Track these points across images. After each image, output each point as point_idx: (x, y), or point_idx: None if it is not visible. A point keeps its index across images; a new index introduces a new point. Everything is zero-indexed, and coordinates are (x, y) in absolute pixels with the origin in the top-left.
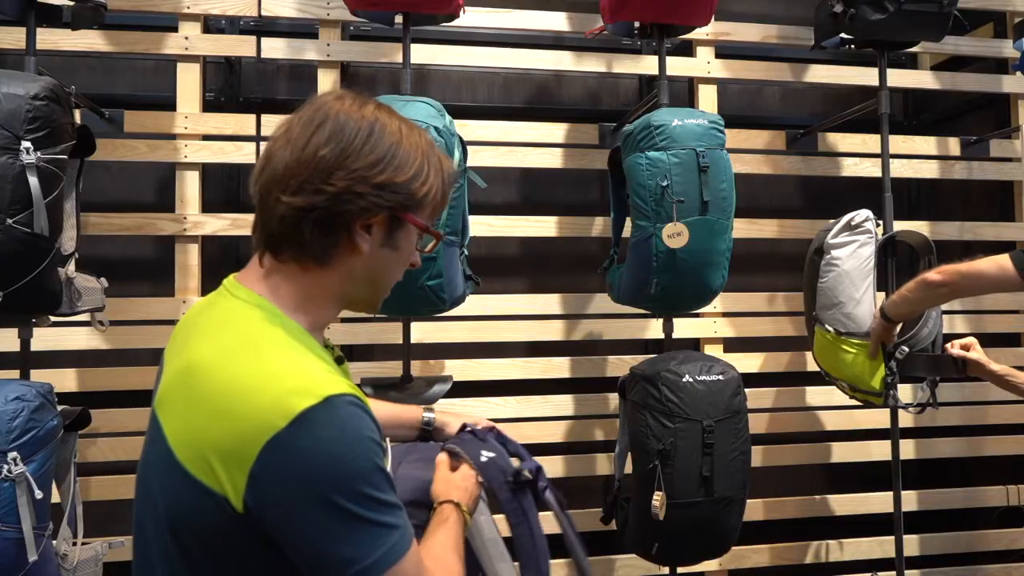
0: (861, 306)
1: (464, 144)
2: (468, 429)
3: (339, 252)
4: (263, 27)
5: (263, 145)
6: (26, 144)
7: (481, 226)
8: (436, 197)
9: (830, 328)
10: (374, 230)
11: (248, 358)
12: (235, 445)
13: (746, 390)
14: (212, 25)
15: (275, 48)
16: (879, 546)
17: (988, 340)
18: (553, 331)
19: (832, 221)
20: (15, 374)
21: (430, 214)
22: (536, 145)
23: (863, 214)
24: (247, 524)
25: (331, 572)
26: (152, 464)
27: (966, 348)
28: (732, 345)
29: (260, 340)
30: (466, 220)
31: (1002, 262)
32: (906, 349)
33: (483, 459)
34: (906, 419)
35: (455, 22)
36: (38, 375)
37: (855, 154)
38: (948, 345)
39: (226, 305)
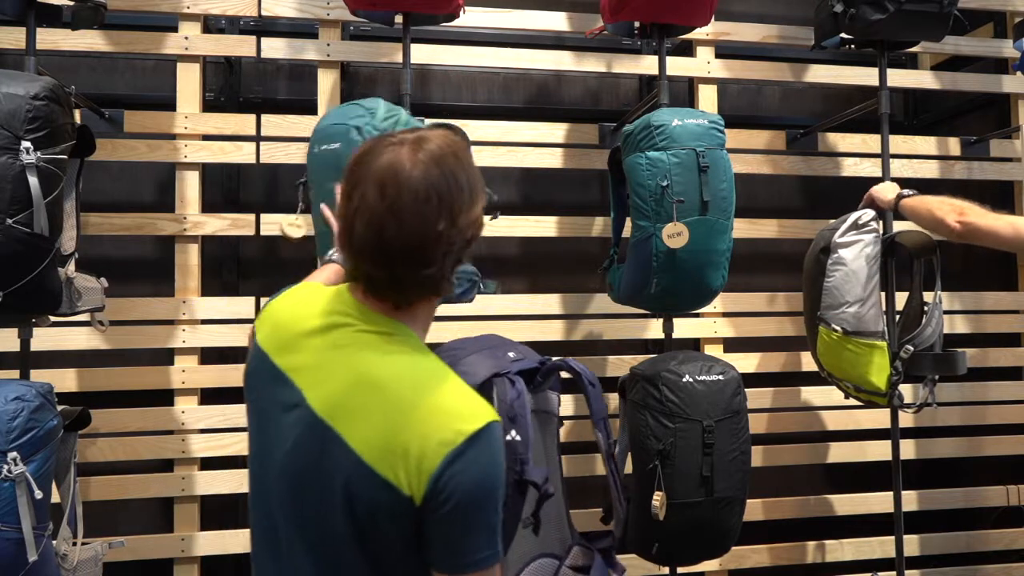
0: (867, 305)
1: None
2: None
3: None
4: (263, 27)
5: (263, 146)
6: (26, 144)
7: None
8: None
9: (836, 328)
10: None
11: (429, 383)
12: (420, 454)
13: (746, 390)
14: (212, 25)
15: (275, 48)
16: (879, 546)
17: (988, 340)
18: (553, 331)
19: (835, 221)
20: (15, 374)
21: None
22: (536, 145)
23: (869, 213)
24: (417, 513)
25: (463, 556)
26: (322, 465)
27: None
28: (732, 345)
29: (432, 368)
30: None
31: (1019, 226)
32: (911, 348)
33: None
34: (906, 419)
35: (455, 22)
36: (38, 375)
37: (855, 154)
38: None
39: (373, 326)
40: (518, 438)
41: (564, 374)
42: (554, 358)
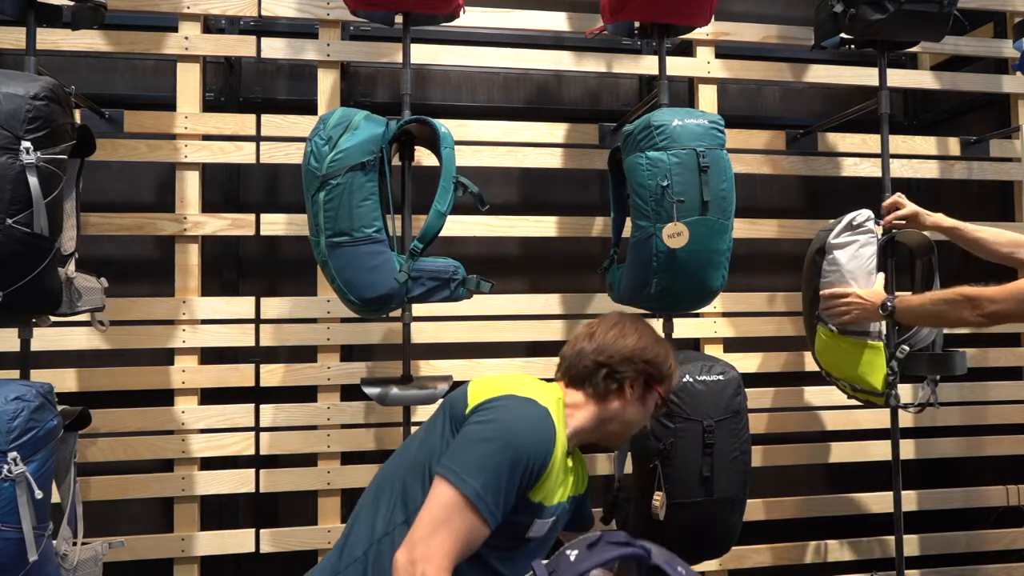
0: None
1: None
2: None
3: (611, 394)
4: (263, 27)
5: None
6: (26, 144)
7: (480, 226)
8: (672, 380)
9: (832, 327)
10: (635, 387)
11: (534, 382)
12: (496, 390)
13: (746, 390)
14: (212, 25)
15: (275, 48)
16: (879, 546)
17: (988, 340)
18: (553, 331)
19: (833, 221)
20: (15, 374)
21: (666, 390)
22: (536, 145)
23: (864, 214)
24: (462, 422)
25: (448, 459)
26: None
27: (896, 207)
28: (732, 345)
29: (544, 385)
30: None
31: None
32: (907, 348)
33: None
34: (906, 419)
35: (455, 22)
36: (38, 375)
37: (855, 154)
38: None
39: (550, 385)
40: None
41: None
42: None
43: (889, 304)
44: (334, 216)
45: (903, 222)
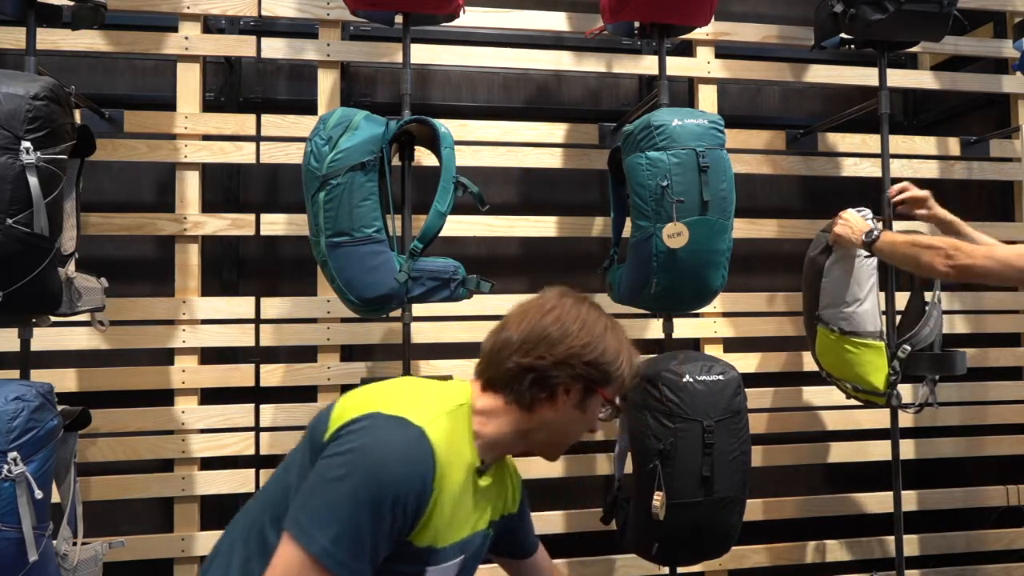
0: (865, 305)
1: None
2: None
3: (539, 403)
4: (263, 27)
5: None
6: (26, 144)
7: (480, 226)
8: (624, 380)
9: (834, 328)
10: (571, 394)
11: (415, 388)
12: (358, 408)
13: (746, 390)
14: (212, 25)
15: (275, 48)
16: (879, 546)
17: (988, 340)
18: None
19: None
20: (15, 374)
21: (615, 391)
22: (536, 145)
23: (867, 212)
24: (318, 454)
25: (295, 509)
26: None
27: (903, 191)
28: (732, 345)
29: (434, 391)
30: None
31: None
32: (908, 348)
33: None
34: (906, 419)
35: (455, 22)
36: (38, 375)
37: (855, 154)
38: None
39: (451, 382)
40: None
41: None
42: None
43: (876, 232)
44: (334, 216)
45: (909, 205)
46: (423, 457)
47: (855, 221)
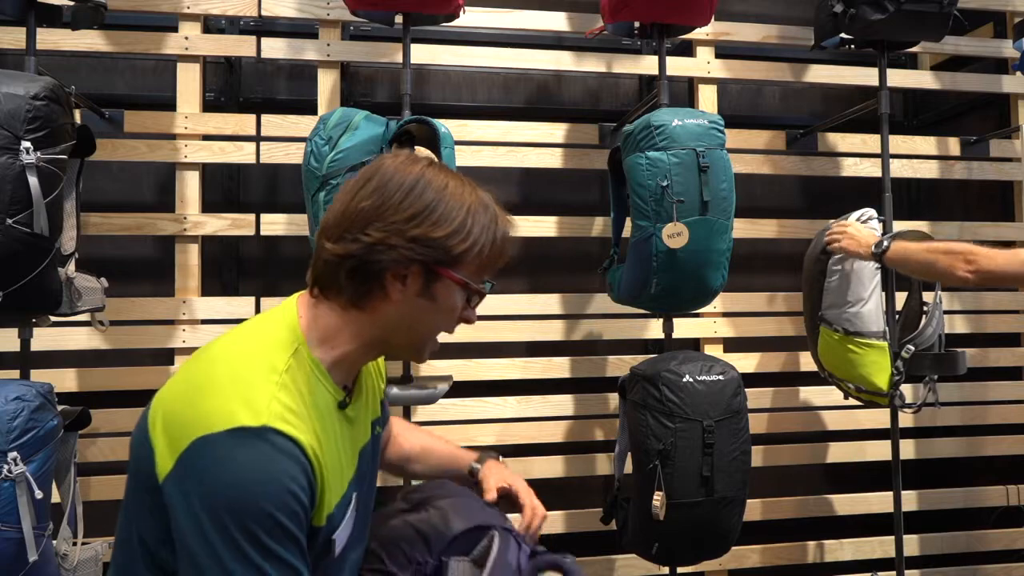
0: (869, 305)
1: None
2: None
3: (372, 298)
4: (263, 27)
5: (263, 146)
6: (26, 144)
7: None
8: (481, 254)
9: (838, 328)
10: (409, 281)
11: (235, 361)
12: (180, 425)
13: (746, 390)
14: (212, 25)
15: (275, 48)
16: (879, 546)
17: (988, 340)
18: (553, 331)
19: (834, 221)
20: (15, 374)
21: (475, 271)
22: (536, 145)
23: (869, 212)
24: (159, 494)
25: None
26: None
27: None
28: (732, 345)
29: (257, 352)
30: None
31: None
32: (912, 348)
33: None
34: (906, 419)
35: (455, 22)
36: (38, 375)
37: (855, 154)
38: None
39: (273, 313)
40: None
41: None
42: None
43: (885, 243)
44: None
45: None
46: (285, 457)
47: (860, 234)
